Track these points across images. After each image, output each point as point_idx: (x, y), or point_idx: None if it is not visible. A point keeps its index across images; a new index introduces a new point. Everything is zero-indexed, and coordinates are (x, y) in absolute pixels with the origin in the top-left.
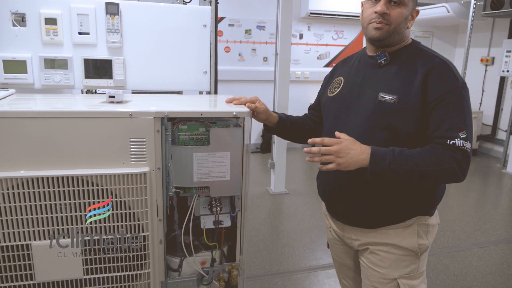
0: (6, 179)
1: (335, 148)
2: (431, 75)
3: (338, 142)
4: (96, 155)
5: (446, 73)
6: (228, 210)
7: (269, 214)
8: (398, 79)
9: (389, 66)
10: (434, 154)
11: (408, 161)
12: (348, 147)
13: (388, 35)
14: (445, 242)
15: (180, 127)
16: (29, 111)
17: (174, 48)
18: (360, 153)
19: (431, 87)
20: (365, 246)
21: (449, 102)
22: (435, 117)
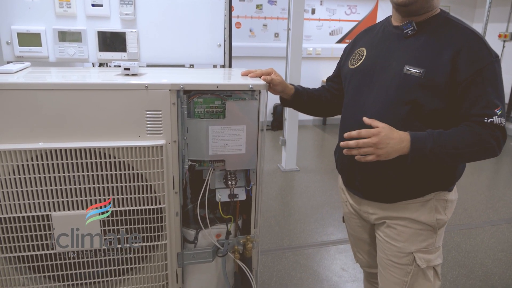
0: (25, 151)
1: (374, 140)
2: (463, 50)
3: (376, 133)
4: (113, 128)
5: (479, 47)
6: (243, 183)
7: (280, 190)
8: (426, 51)
9: (416, 37)
10: (473, 134)
11: (448, 144)
12: (387, 136)
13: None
14: (457, 219)
15: (196, 100)
16: (47, 83)
17: (188, 21)
18: (400, 142)
19: (464, 63)
20: (382, 220)
21: (484, 79)
22: (470, 95)
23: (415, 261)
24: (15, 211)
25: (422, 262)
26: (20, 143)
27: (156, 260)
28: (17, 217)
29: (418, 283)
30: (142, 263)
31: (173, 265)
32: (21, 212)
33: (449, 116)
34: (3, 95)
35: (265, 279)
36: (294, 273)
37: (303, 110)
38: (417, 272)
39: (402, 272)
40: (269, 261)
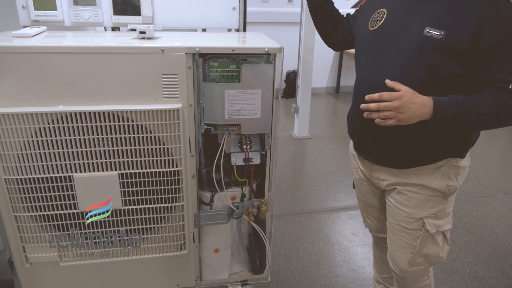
0: (46, 114)
1: (396, 103)
2: (488, 13)
3: (399, 97)
4: (130, 91)
5: (505, 11)
6: (257, 148)
7: (292, 157)
8: (449, 14)
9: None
10: (498, 100)
11: (471, 111)
12: (409, 101)
13: None
14: (469, 188)
15: (211, 63)
16: (66, 46)
17: None
18: (422, 107)
19: (488, 27)
20: (393, 186)
21: (510, 44)
22: (495, 60)
23: (424, 227)
24: (38, 172)
25: (431, 228)
26: (41, 106)
27: (174, 221)
28: (41, 178)
29: (427, 247)
30: (161, 223)
31: (190, 225)
32: (45, 173)
33: (468, 82)
34: (23, 59)
35: (278, 242)
36: (305, 236)
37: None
38: (426, 237)
39: (411, 237)
40: (281, 225)
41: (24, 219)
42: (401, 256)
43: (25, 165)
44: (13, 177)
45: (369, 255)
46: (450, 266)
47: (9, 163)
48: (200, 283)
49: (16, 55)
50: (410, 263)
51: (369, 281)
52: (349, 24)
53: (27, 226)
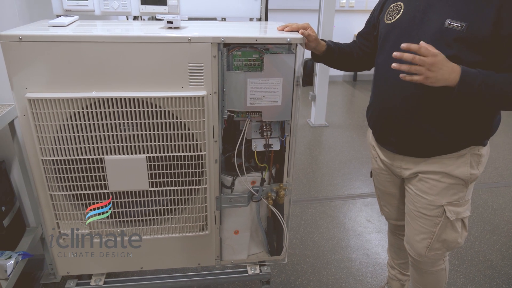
0: (81, 99)
1: (430, 60)
2: (508, 3)
3: (435, 54)
4: (158, 79)
5: None
6: (277, 134)
7: (309, 145)
8: (468, 5)
9: None
10: None
11: (496, 85)
12: (442, 62)
13: None
14: (486, 178)
15: (235, 53)
16: (98, 35)
17: None
18: (451, 71)
19: (509, 15)
20: (415, 174)
21: None
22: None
23: (444, 213)
24: (72, 154)
25: (451, 215)
26: (75, 91)
27: (196, 203)
28: (75, 159)
29: (446, 233)
30: (184, 205)
31: (212, 207)
32: (78, 155)
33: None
34: (60, 47)
35: (294, 227)
36: (321, 222)
37: (334, 65)
38: (445, 223)
39: (431, 223)
40: (297, 210)
41: (58, 198)
42: (419, 241)
43: (60, 147)
44: (49, 158)
45: (383, 241)
46: (464, 254)
47: (45, 144)
48: (220, 262)
49: (54, 44)
50: (428, 248)
51: (383, 266)
52: (367, 35)
53: (61, 204)
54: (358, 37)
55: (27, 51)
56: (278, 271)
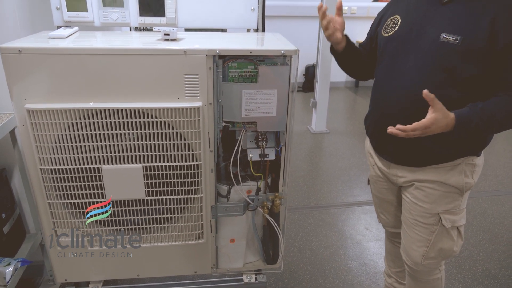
0: (79, 110)
1: (426, 131)
2: (501, 15)
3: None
4: (154, 90)
5: None
6: (273, 144)
7: (309, 152)
8: (463, 18)
9: (453, 3)
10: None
11: (491, 119)
12: (436, 127)
13: None
14: (487, 186)
15: (230, 64)
16: (97, 48)
17: None
18: (446, 127)
19: (502, 29)
20: (411, 183)
21: None
22: (509, 62)
23: (440, 222)
24: (70, 163)
25: (447, 223)
26: (74, 102)
27: (192, 211)
28: (73, 168)
29: (441, 241)
30: (181, 214)
31: (207, 216)
32: (76, 164)
33: (485, 83)
34: (59, 59)
35: (292, 235)
36: (319, 230)
37: (348, 65)
38: (441, 231)
39: (427, 231)
40: (296, 218)
41: (56, 206)
42: (415, 249)
43: (58, 156)
44: (48, 167)
45: (381, 249)
46: (462, 264)
47: (44, 154)
48: (216, 270)
49: (53, 56)
50: (424, 256)
51: (380, 275)
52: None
53: (60, 212)
54: (359, 47)
55: (26, 63)
56: (275, 279)
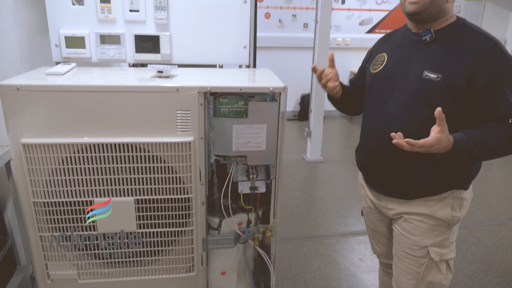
0: (73, 144)
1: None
2: (480, 56)
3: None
4: (147, 125)
5: (496, 53)
6: (263, 177)
7: (304, 181)
8: (444, 58)
9: (435, 43)
10: (503, 134)
11: (483, 145)
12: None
13: (424, 8)
14: (480, 215)
15: (221, 100)
16: (92, 85)
17: (216, 24)
18: (444, 149)
19: (482, 69)
20: (400, 215)
21: (503, 83)
22: (492, 99)
23: (429, 254)
24: (63, 197)
25: (435, 256)
26: (68, 137)
27: (183, 244)
28: (65, 202)
29: (430, 274)
30: (171, 246)
31: (198, 249)
32: (68, 197)
33: (466, 119)
34: (55, 96)
35: (285, 266)
36: (313, 261)
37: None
38: (430, 264)
39: (416, 264)
40: (290, 249)
41: (48, 239)
42: (405, 282)
43: (51, 189)
44: (40, 200)
45: (375, 281)
46: None
47: (37, 187)
48: None
49: (50, 93)
50: None
51: None
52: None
53: (51, 245)
54: (350, 83)
55: (24, 99)
56: None
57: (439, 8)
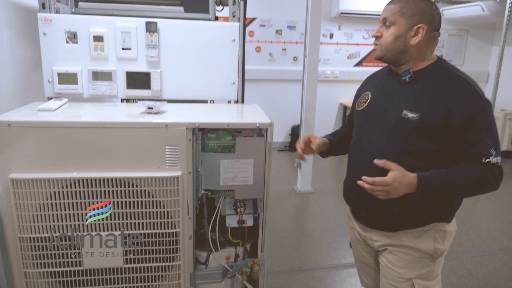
0: (61, 179)
1: (387, 188)
2: (456, 97)
3: (390, 183)
4: (136, 160)
5: (471, 95)
6: (251, 210)
7: (294, 212)
8: (422, 98)
9: (414, 84)
10: (474, 173)
11: (451, 183)
12: (398, 185)
13: (382, 54)
14: (470, 246)
15: (209, 135)
16: (82, 121)
17: (205, 61)
18: (409, 186)
19: (457, 109)
20: (385, 247)
21: (478, 123)
22: (467, 138)
23: (413, 287)
24: (49, 232)
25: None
26: (57, 172)
27: (170, 279)
28: (51, 237)
29: None
30: (158, 281)
31: (185, 284)
32: (55, 232)
33: (444, 156)
34: (46, 132)
35: None
36: None
37: (339, 153)
38: None
39: None
40: (280, 282)
41: (33, 275)
42: None
43: (38, 224)
44: (27, 236)
45: None
46: None
47: (24, 222)
48: None
49: (41, 128)
50: None
51: None
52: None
53: (36, 281)
54: (346, 121)
55: (15, 135)
56: None
57: (400, 53)
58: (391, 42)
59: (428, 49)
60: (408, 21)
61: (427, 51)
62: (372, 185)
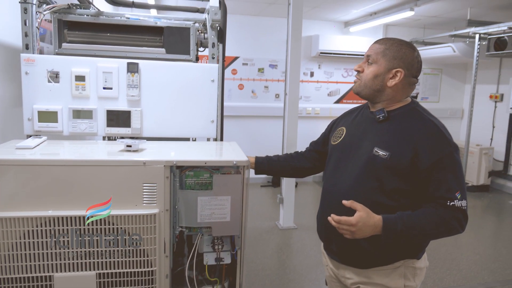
0: (36, 218)
1: (352, 229)
2: (424, 140)
3: (354, 223)
4: (113, 198)
5: (439, 138)
6: (229, 248)
7: (277, 249)
8: (393, 137)
9: (387, 123)
10: (438, 216)
11: (416, 227)
12: (363, 226)
13: (360, 89)
14: (451, 281)
15: (187, 173)
16: (60, 159)
17: (185, 100)
18: (374, 228)
19: (425, 152)
20: (357, 285)
21: (444, 166)
22: (433, 180)
23: None
24: (21, 272)
25: None
26: (33, 210)
27: None
28: (23, 278)
29: None
30: None
31: None
32: (27, 272)
33: (411, 195)
34: (22, 170)
35: None
36: None
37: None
38: None
39: None
40: None
41: None
42: None
43: (10, 265)
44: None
45: None
46: None
47: None
48: None
49: (17, 167)
50: None
51: None
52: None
53: None
54: (310, 144)
55: None
56: None
57: (377, 92)
58: (370, 80)
59: (403, 93)
60: (389, 63)
61: (403, 95)
62: (338, 224)
